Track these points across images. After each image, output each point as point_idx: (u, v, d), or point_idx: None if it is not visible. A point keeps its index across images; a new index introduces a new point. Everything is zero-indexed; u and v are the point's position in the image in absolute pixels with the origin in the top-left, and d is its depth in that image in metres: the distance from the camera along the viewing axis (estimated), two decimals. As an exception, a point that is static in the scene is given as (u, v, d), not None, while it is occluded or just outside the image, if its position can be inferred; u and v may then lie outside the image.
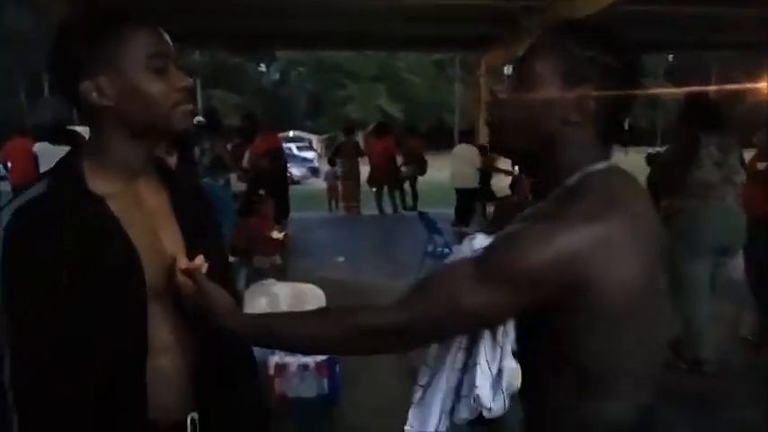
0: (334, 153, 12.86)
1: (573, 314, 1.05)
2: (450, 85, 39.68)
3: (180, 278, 1.22)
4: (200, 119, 8.23)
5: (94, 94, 1.16)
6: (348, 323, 1.13)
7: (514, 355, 1.10)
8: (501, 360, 1.10)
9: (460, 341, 1.15)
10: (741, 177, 4.00)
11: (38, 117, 30.37)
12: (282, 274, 5.41)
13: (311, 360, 2.34)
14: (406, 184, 12.29)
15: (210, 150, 7.38)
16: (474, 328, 1.11)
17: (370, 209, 12.04)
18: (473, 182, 9.55)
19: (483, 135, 9.93)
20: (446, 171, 10.16)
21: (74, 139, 9.24)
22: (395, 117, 34.69)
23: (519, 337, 1.11)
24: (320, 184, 16.02)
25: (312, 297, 2.69)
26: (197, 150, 8.08)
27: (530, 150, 1.19)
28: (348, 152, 12.02)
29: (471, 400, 1.10)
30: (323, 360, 2.34)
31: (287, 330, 1.18)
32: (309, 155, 28.50)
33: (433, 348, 1.20)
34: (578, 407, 1.10)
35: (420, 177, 12.23)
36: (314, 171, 24.90)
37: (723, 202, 3.92)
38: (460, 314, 1.07)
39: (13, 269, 1.12)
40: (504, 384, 1.09)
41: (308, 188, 19.77)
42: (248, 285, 3.84)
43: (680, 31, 10.45)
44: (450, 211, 9.73)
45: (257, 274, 5.90)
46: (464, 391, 1.13)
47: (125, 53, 1.16)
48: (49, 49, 1.19)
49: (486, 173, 9.43)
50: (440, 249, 6.39)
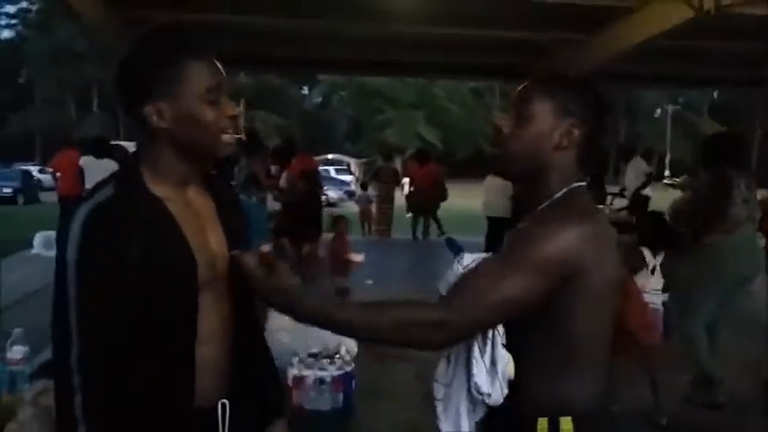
0: (372, 177, 13.04)
1: (569, 297, 1.32)
2: (488, 114, 39.77)
3: (250, 264, 1.32)
4: (240, 136, 8.41)
5: (155, 117, 1.31)
6: (396, 315, 1.31)
7: (504, 346, 1.33)
8: (493, 350, 1.33)
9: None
10: (759, 213, 4.16)
11: (85, 131, 31.32)
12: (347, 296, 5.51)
13: (328, 374, 2.43)
14: None
15: (246, 168, 7.58)
16: (506, 317, 1.33)
17: (399, 233, 12.15)
18: (504, 211, 9.57)
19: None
20: (480, 199, 10.22)
21: (117, 153, 9.59)
22: (432, 143, 34.87)
23: (508, 330, 1.35)
24: (356, 207, 16.19)
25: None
26: (236, 168, 8.31)
27: (528, 173, 1.47)
28: (386, 177, 12.20)
29: (473, 390, 1.33)
30: (339, 375, 2.43)
31: (344, 317, 1.32)
32: (347, 178, 28.72)
33: (443, 363, 1.45)
34: (564, 378, 1.36)
35: (447, 205, 12.26)
36: (350, 194, 25.07)
37: (745, 236, 4.07)
38: (495, 304, 1.30)
39: (87, 262, 1.26)
40: (500, 373, 1.32)
41: (343, 211, 19.95)
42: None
43: (723, 67, 10.41)
44: (481, 239, 9.76)
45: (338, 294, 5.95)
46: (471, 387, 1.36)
47: (185, 84, 1.31)
48: (117, 73, 1.35)
49: (519, 202, 9.45)
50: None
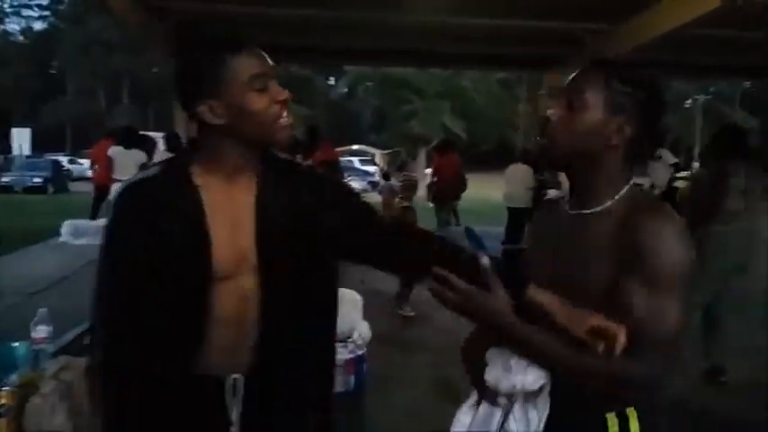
0: (397, 169, 13.08)
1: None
2: (515, 104, 39.45)
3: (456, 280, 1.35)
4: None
5: (209, 115, 1.37)
6: (610, 370, 1.26)
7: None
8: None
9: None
10: (766, 204, 4.16)
11: (115, 121, 31.75)
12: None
13: (340, 357, 2.48)
14: None
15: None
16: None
17: (422, 224, 12.15)
18: (525, 201, 9.54)
19: (541, 155, 9.88)
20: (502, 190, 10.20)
21: (146, 143, 9.72)
22: (458, 134, 34.68)
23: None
24: (379, 197, 16.23)
25: (348, 301, 2.84)
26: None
27: (574, 166, 1.44)
28: (410, 169, 12.30)
29: None
30: (351, 357, 2.48)
31: (556, 355, 1.30)
32: (371, 169, 28.81)
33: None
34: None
35: (470, 195, 12.24)
36: (374, 185, 25.14)
37: (752, 226, 4.12)
38: (678, 335, 1.29)
39: (110, 230, 1.39)
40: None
41: (367, 202, 20.00)
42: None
43: (754, 57, 10.20)
44: (502, 230, 9.76)
45: None
46: None
47: (231, 78, 1.36)
48: (173, 78, 1.41)
49: (540, 192, 9.42)
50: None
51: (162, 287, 1.37)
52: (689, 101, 51.70)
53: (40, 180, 23.65)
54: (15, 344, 2.20)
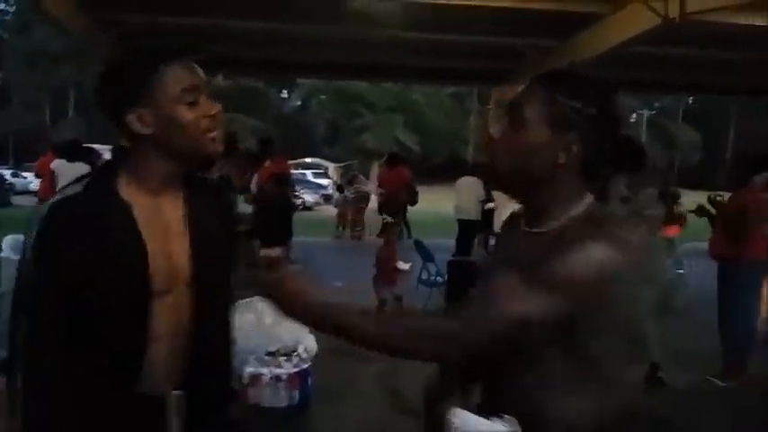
0: (348, 182, 13.11)
1: (595, 320, 1.21)
2: (466, 118, 39.96)
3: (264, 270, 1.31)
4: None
5: (137, 124, 1.36)
6: (408, 325, 1.24)
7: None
8: None
9: None
10: (657, 211, 4.50)
11: (60, 134, 30.99)
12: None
13: (284, 371, 2.46)
14: None
15: (220, 170, 7.56)
16: (522, 336, 1.21)
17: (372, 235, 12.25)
18: (475, 214, 9.66)
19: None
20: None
21: (90, 156, 9.51)
22: (410, 147, 34.91)
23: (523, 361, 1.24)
24: (332, 210, 16.22)
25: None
26: (212, 170, 8.29)
27: (521, 187, 1.35)
28: (360, 182, 12.32)
29: None
30: (295, 372, 2.45)
31: (363, 325, 1.26)
32: (324, 182, 28.73)
33: None
34: (582, 393, 1.26)
35: (421, 208, 12.30)
36: (327, 198, 25.11)
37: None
38: (513, 321, 1.18)
39: (38, 251, 1.34)
40: None
41: (320, 214, 19.97)
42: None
43: (696, 74, 10.56)
44: (453, 242, 9.84)
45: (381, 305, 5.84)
46: None
47: (162, 89, 1.36)
48: (98, 85, 1.40)
49: (483, 204, 9.55)
50: (433, 278, 6.51)
51: (101, 305, 1.35)
52: (634, 115, 53.19)
53: (-19, 194, 22.89)
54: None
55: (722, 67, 9.61)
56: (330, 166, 32.44)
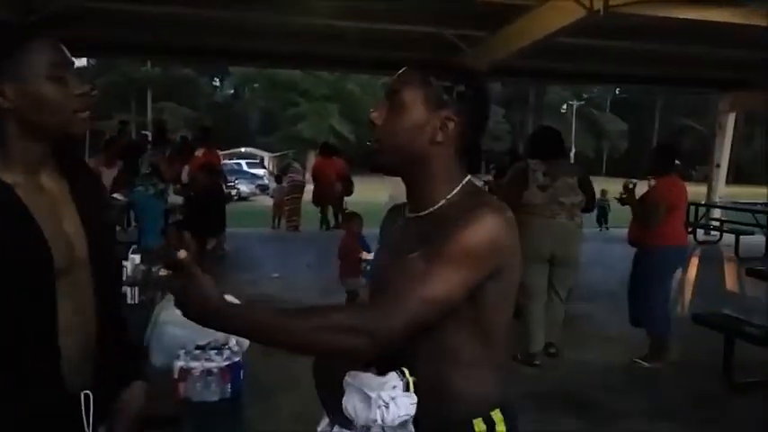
0: (282, 171, 13.00)
1: (495, 288, 1.30)
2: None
3: (169, 269, 1.24)
4: (145, 132, 8.23)
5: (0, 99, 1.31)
6: (313, 320, 1.21)
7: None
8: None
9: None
10: (574, 199, 4.70)
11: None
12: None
13: (215, 365, 2.44)
14: None
15: (149, 159, 7.42)
16: (434, 318, 1.24)
17: (309, 226, 12.21)
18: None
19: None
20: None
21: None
22: (346, 137, 34.91)
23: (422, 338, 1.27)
24: (268, 201, 16.04)
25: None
26: (140, 159, 8.11)
27: (404, 170, 1.39)
28: (295, 172, 12.28)
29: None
30: (226, 365, 2.44)
31: (269, 325, 1.22)
32: (260, 172, 28.44)
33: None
34: (487, 372, 1.35)
35: (357, 198, 12.33)
36: (263, 188, 24.86)
37: (552, 218, 4.65)
38: (423, 305, 1.22)
39: None
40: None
41: (255, 205, 19.76)
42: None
43: (623, 65, 10.92)
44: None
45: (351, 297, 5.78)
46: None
47: (27, 63, 1.31)
48: None
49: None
50: (370, 268, 6.52)
51: (4, 293, 1.28)
52: (564, 106, 54.59)
53: None
54: None
55: (646, 58, 9.97)
56: (265, 156, 32.17)
